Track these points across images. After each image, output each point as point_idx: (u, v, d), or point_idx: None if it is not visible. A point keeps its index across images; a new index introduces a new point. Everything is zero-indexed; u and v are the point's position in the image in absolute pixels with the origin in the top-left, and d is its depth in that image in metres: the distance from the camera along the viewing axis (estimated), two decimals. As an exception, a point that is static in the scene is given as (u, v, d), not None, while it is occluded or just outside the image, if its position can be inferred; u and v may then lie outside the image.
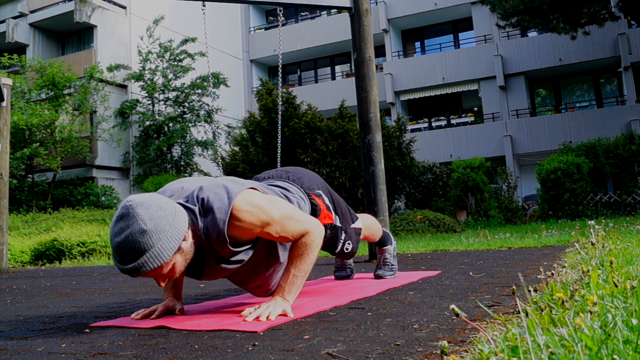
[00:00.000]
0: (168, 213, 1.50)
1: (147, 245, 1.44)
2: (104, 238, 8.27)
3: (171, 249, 1.48)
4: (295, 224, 1.72)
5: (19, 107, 14.46)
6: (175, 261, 1.52)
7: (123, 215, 1.47)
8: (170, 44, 17.72)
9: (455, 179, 13.13)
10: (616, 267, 1.78)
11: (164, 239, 1.47)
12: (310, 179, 2.18)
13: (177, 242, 1.50)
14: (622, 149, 12.45)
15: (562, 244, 4.56)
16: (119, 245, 1.46)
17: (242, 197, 1.62)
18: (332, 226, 2.14)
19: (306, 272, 1.75)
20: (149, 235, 1.44)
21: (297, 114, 10.98)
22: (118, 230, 1.47)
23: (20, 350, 1.38)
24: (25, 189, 15.56)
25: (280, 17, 4.42)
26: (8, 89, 5.91)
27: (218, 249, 1.62)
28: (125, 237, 1.45)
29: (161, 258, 1.47)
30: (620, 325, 0.90)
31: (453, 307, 1.03)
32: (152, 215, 1.47)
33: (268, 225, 1.64)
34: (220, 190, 1.62)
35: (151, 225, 1.45)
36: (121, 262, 1.47)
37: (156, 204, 1.50)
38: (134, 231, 1.44)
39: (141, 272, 1.47)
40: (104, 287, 3.38)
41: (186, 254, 1.56)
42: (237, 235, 1.62)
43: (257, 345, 1.26)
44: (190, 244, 1.57)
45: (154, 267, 1.47)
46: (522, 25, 14.49)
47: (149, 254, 1.45)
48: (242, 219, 1.60)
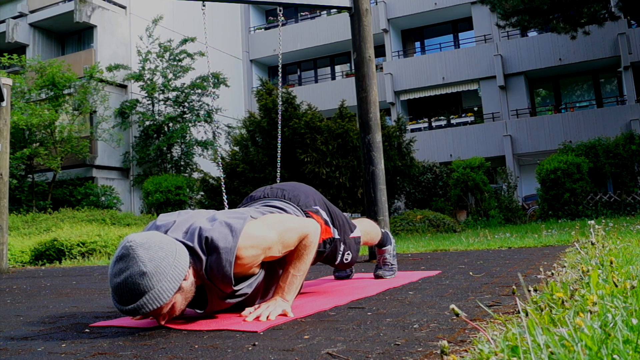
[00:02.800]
0: (169, 254, 1.48)
1: (147, 287, 1.43)
2: (104, 238, 8.26)
3: (171, 290, 1.47)
4: (294, 234, 1.73)
5: (19, 107, 14.45)
6: (175, 301, 1.51)
7: (123, 256, 1.46)
8: (170, 44, 17.71)
9: (455, 178, 13.13)
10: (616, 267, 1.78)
11: (164, 280, 1.45)
12: (307, 195, 2.14)
13: (177, 283, 1.48)
14: (622, 148, 12.45)
15: (562, 244, 4.56)
16: (119, 286, 1.45)
17: (244, 234, 1.59)
18: (331, 240, 2.14)
19: (304, 272, 1.76)
20: (148, 277, 1.43)
21: (297, 114, 10.98)
22: (117, 271, 1.46)
23: (20, 350, 1.38)
24: (25, 189, 15.55)
25: (280, 17, 4.42)
26: (8, 89, 5.91)
27: (222, 287, 1.61)
28: (124, 278, 1.44)
29: (161, 299, 1.45)
30: (620, 325, 0.90)
31: (453, 307, 1.03)
32: (152, 256, 1.45)
33: (270, 249, 1.65)
34: (223, 229, 1.58)
35: (151, 267, 1.44)
36: (120, 302, 1.46)
37: (157, 245, 1.48)
38: (134, 273, 1.43)
39: (140, 312, 1.46)
40: (104, 287, 3.38)
41: (187, 293, 1.55)
42: (241, 271, 1.61)
43: (257, 345, 1.26)
44: (191, 282, 1.55)
45: (154, 309, 1.45)
46: (522, 25, 14.49)
47: (148, 295, 1.43)
48: (246, 256, 1.59)
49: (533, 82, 19.56)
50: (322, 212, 2.13)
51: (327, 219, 2.15)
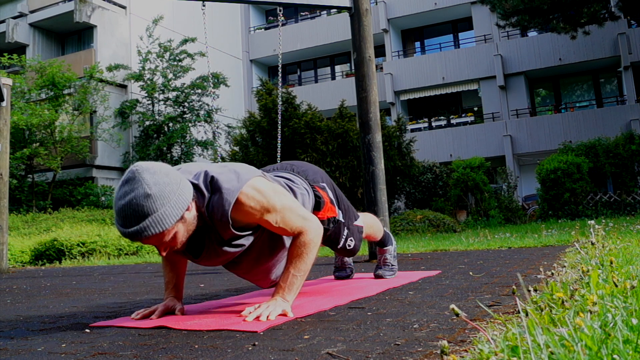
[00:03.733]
0: (174, 181, 1.51)
1: (150, 209, 1.44)
2: (104, 238, 8.27)
3: (174, 216, 1.48)
4: (296, 218, 1.72)
5: (19, 107, 14.46)
6: (177, 230, 1.52)
7: (129, 180, 1.48)
8: (170, 44, 17.71)
9: (455, 178, 13.13)
10: (616, 267, 1.78)
11: (168, 205, 1.47)
12: (315, 173, 2.19)
13: (180, 211, 1.50)
14: (622, 148, 12.46)
15: (562, 244, 4.56)
16: (122, 208, 1.46)
17: (250, 183, 1.64)
18: (335, 220, 2.14)
19: (305, 272, 1.74)
20: (152, 199, 1.45)
21: (297, 114, 10.98)
22: (122, 193, 1.47)
23: (20, 350, 1.38)
24: (25, 189, 15.55)
25: (280, 17, 4.42)
26: (8, 89, 5.91)
27: (220, 230, 1.63)
28: (129, 200, 1.45)
29: (163, 224, 1.46)
30: (620, 325, 0.90)
31: (453, 307, 1.03)
32: (157, 180, 1.48)
33: (268, 212, 1.66)
34: (230, 174, 1.64)
35: (156, 190, 1.46)
36: (123, 225, 1.47)
37: (162, 171, 1.51)
38: (138, 195, 1.45)
39: (143, 236, 1.46)
40: (104, 287, 3.38)
41: (188, 225, 1.56)
42: (238, 218, 1.63)
43: (257, 345, 1.26)
44: (193, 216, 1.57)
45: (156, 233, 1.46)
46: (522, 25, 14.49)
47: (151, 218, 1.45)
48: (245, 203, 1.61)
49: (533, 82, 19.56)
50: (328, 191, 2.15)
51: (333, 198, 2.16)
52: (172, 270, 1.91)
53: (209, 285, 3.10)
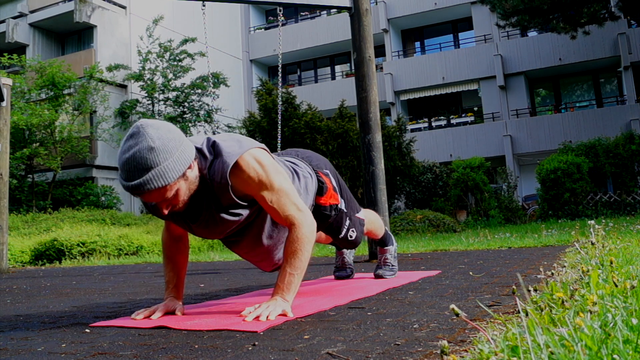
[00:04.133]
0: (177, 137, 1.55)
1: (154, 162, 1.48)
2: (104, 238, 8.27)
3: (177, 171, 1.51)
4: (290, 205, 1.72)
5: (19, 107, 14.45)
6: (179, 187, 1.55)
7: (133, 134, 1.51)
8: (170, 44, 17.71)
9: (455, 178, 13.13)
10: (616, 267, 1.78)
11: (170, 159, 1.50)
12: (319, 160, 2.21)
13: (183, 167, 1.53)
14: (622, 148, 12.46)
15: (562, 244, 4.56)
16: (127, 162, 1.49)
17: (251, 152, 1.67)
18: (337, 208, 2.14)
19: (302, 269, 1.73)
20: (156, 152, 1.48)
21: (297, 114, 10.99)
22: (127, 147, 1.50)
23: (20, 350, 1.38)
24: (25, 189, 15.55)
25: (280, 17, 4.42)
26: (8, 89, 5.91)
27: (219, 194, 1.65)
28: (132, 153, 1.48)
29: (166, 177, 1.49)
30: (620, 325, 0.90)
31: (453, 306, 1.03)
32: (161, 135, 1.51)
33: (265, 188, 1.67)
34: (233, 141, 1.68)
35: (159, 143, 1.49)
36: (127, 179, 1.49)
37: (166, 128, 1.55)
38: (142, 148, 1.48)
39: (145, 189, 1.48)
40: (104, 287, 3.38)
41: (190, 184, 1.59)
42: (237, 186, 1.65)
43: (257, 345, 1.26)
44: (195, 175, 1.60)
45: (158, 186, 1.49)
46: (522, 25, 14.49)
47: (154, 171, 1.48)
48: (244, 171, 1.64)
49: (533, 82, 19.56)
50: (331, 178, 2.16)
51: (336, 186, 2.17)
52: (173, 269, 1.91)
53: (209, 285, 3.11)
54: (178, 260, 1.92)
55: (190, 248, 8.85)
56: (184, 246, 1.94)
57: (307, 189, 2.00)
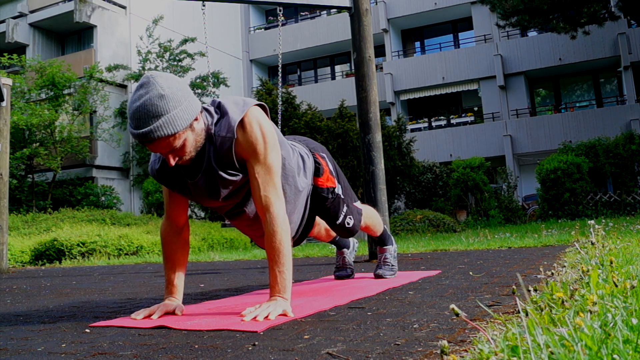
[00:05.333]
0: (184, 88, 1.61)
1: (164, 109, 1.52)
2: (104, 238, 8.27)
3: (185, 120, 1.56)
4: (272, 186, 1.72)
5: (19, 107, 14.45)
6: (186, 137, 1.59)
7: (143, 84, 1.56)
8: (169, 44, 17.71)
9: (455, 178, 13.13)
10: (616, 267, 1.78)
11: (179, 107, 1.55)
12: (316, 144, 2.24)
13: (191, 116, 1.58)
14: (622, 148, 12.46)
15: (562, 244, 4.56)
16: (137, 109, 1.53)
17: (255, 111, 1.73)
18: (334, 192, 2.14)
19: (289, 263, 1.71)
20: (166, 100, 1.53)
21: (297, 113, 10.99)
22: (137, 96, 1.55)
23: (20, 350, 1.38)
24: (25, 189, 15.55)
25: (280, 17, 4.42)
26: (8, 89, 5.91)
27: (222, 150, 1.69)
28: (143, 101, 1.53)
29: (175, 125, 1.54)
30: (620, 325, 0.90)
31: (453, 306, 1.03)
32: (170, 84, 1.56)
33: (257, 158, 1.71)
34: (237, 99, 1.75)
35: (169, 92, 1.54)
36: (136, 127, 1.53)
37: (174, 79, 1.61)
38: (153, 95, 1.53)
39: (155, 136, 1.52)
40: (104, 287, 3.38)
41: (197, 135, 1.63)
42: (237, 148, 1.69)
43: (257, 345, 1.26)
44: (201, 128, 1.65)
45: (168, 134, 1.53)
46: (522, 24, 14.49)
47: (164, 118, 1.52)
48: (246, 131, 1.69)
49: (533, 82, 19.56)
50: (328, 162, 2.18)
51: (332, 171, 2.18)
52: (172, 268, 1.90)
53: (209, 285, 3.11)
54: (178, 259, 1.91)
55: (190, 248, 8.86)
56: (184, 242, 1.93)
57: (305, 166, 2.01)
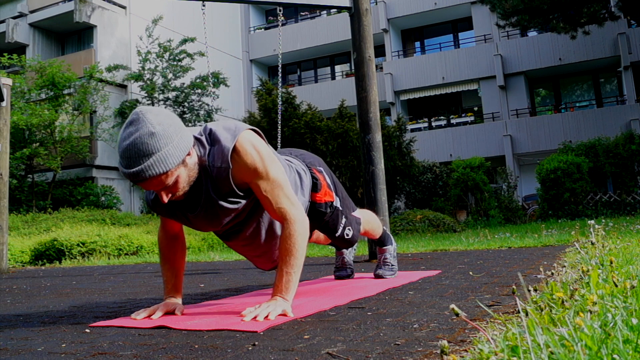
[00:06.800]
0: (176, 124, 1.55)
1: (155, 148, 1.47)
2: (104, 238, 8.26)
3: (177, 157, 1.51)
4: (284, 197, 1.71)
5: (19, 107, 14.45)
6: (179, 174, 1.55)
7: (133, 121, 1.50)
8: (169, 44, 17.71)
9: (455, 178, 13.13)
10: (616, 267, 1.78)
11: (171, 144, 1.50)
12: (313, 158, 2.21)
13: (183, 152, 1.53)
14: (622, 148, 12.46)
15: (562, 244, 4.56)
16: (127, 148, 1.48)
17: (247, 135, 1.68)
18: (332, 205, 2.12)
19: (299, 267, 1.72)
20: (157, 138, 1.48)
21: (297, 113, 10.99)
22: (127, 134, 1.50)
23: (20, 350, 1.38)
24: (25, 189, 15.55)
25: (280, 17, 4.42)
26: (8, 89, 5.91)
27: (219, 181, 1.65)
28: (133, 139, 1.47)
29: (167, 164, 1.49)
30: (620, 325, 0.90)
31: (453, 306, 1.03)
32: (160, 120, 1.51)
33: (260, 177, 1.67)
34: (228, 124, 1.70)
35: (160, 129, 1.49)
36: (127, 166, 1.48)
37: (165, 113, 1.55)
38: (143, 133, 1.47)
39: (146, 175, 1.48)
40: (104, 287, 3.38)
41: (190, 171, 1.59)
42: (234, 171, 1.65)
43: (257, 345, 1.26)
44: (194, 162, 1.61)
45: (159, 173, 1.48)
46: (521, 24, 14.49)
47: (155, 157, 1.47)
48: (241, 156, 1.64)
49: (533, 82, 19.56)
50: (325, 175, 2.14)
51: (330, 184, 2.15)
52: (170, 270, 1.90)
53: (209, 285, 3.10)
54: (175, 260, 1.91)
55: (191, 248, 8.87)
56: (180, 245, 1.93)
57: (302, 184, 1.99)
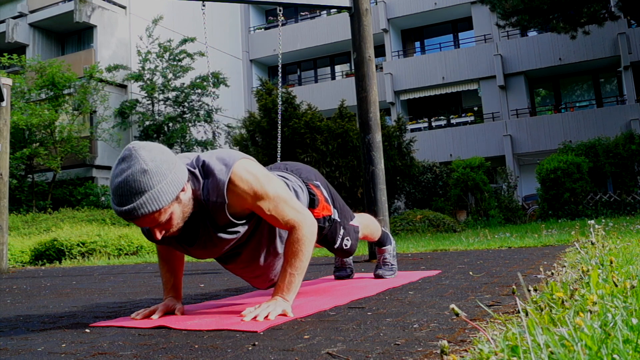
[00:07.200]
0: (170, 159, 1.52)
1: (147, 185, 1.44)
2: (104, 238, 8.26)
3: (170, 194, 1.48)
4: (289, 209, 1.70)
5: (19, 107, 14.46)
6: (173, 211, 1.51)
7: (125, 157, 1.48)
8: (169, 44, 17.71)
9: (455, 178, 13.13)
10: (616, 267, 1.78)
11: (164, 182, 1.47)
12: (309, 172, 2.17)
13: (176, 189, 1.49)
14: (622, 148, 12.46)
15: (562, 244, 4.56)
16: (119, 186, 1.45)
17: (241, 163, 1.64)
18: (331, 219, 2.11)
19: (303, 269, 1.73)
20: (149, 175, 1.44)
21: (297, 113, 10.98)
22: (119, 171, 1.47)
23: (20, 350, 1.38)
24: (25, 189, 15.55)
25: (280, 17, 4.42)
26: (8, 89, 5.91)
27: (215, 215, 1.62)
28: (125, 177, 1.44)
29: (160, 201, 1.45)
30: (620, 325, 0.90)
31: (453, 306, 1.03)
32: (153, 157, 1.48)
33: (261, 199, 1.65)
34: (222, 155, 1.66)
35: (152, 165, 1.46)
36: (119, 204, 1.45)
37: (158, 149, 1.52)
38: (135, 171, 1.44)
39: (139, 213, 1.44)
40: (104, 287, 3.38)
41: (184, 207, 1.55)
42: (232, 202, 1.62)
43: (257, 345, 1.26)
44: (188, 198, 1.57)
45: (152, 211, 1.45)
46: (521, 24, 14.49)
47: (148, 195, 1.44)
48: (238, 185, 1.60)
49: (533, 82, 19.56)
50: (322, 189, 2.13)
51: (328, 197, 2.14)
52: (169, 270, 1.90)
53: (209, 285, 3.10)
54: (174, 261, 1.91)
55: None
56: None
57: (299, 199, 1.97)
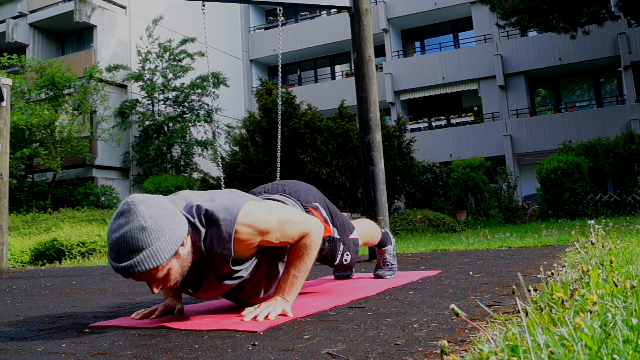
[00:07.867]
0: (170, 214, 1.47)
1: (145, 243, 1.40)
2: (104, 238, 8.26)
3: (169, 251, 1.43)
4: (295, 227, 1.71)
5: (19, 107, 14.46)
6: (171, 266, 1.47)
7: (124, 212, 1.43)
8: (169, 44, 17.71)
9: (455, 178, 13.13)
10: (616, 267, 1.78)
11: (163, 239, 1.42)
12: (307, 192, 2.14)
13: (175, 245, 1.45)
14: (622, 148, 12.45)
15: (562, 244, 4.56)
16: (116, 242, 1.41)
17: (245, 210, 1.59)
18: (330, 239, 2.12)
19: (306, 272, 1.75)
20: (147, 232, 1.40)
21: (297, 113, 10.98)
22: (117, 226, 1.42)
23: (20, 350, 1.38)
24: (25, 189, 15.55)
25: (280, 17, 4.42)
26: (8, 89, 5.91)
27: (218, 264, 1.59)
28: (123, 233, 1.40)
29: (157, 259, 1.41)
30: (620, 325, 0.90)
31: (453, 306, 1.03)
32: (153, 213, 1.43)
33: (267, 234, 1.63)
34: (223, 204, 1.58)
35: (151, 222, 1.41)
36: (116, 260, 1.41)
37: (158, 204, 1.47)
38: (133, 228, 1.40)
39: (135, 271, 1.41)
40: (104, 287, 3.38)
41: (183, 261, 1.51)
42: (237, 248, 1.59)
43: (257, 345, 1.26)
44: (188, 252, 1.52)
45: (149, 268, 1.41)
46: (521, 24, 14.49)
47: (145, 252, 1.40)
48: (243, 232, 1.57)
49: (533, 82, 19.55)
50: (322, 210, 2.12)
51: (327, 217, 2.13)
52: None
53: (209, 285, 3.10)
54: None
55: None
56: None
57: None
